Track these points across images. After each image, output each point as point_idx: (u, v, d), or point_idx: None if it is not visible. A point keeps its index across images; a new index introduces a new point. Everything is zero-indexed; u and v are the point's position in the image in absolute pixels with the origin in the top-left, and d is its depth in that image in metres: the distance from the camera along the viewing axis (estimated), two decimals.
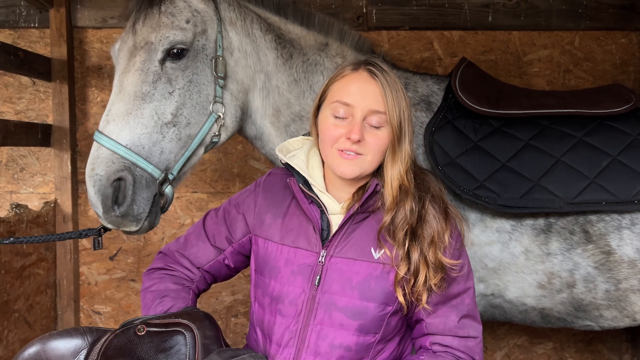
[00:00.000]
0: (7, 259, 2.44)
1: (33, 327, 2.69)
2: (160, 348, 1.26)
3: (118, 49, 1.82)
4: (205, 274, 1.59)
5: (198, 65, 1.79)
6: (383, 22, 2.96)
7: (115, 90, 1.75)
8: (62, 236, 1.88)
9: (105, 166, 1.64)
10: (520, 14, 2.96)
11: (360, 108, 1.37)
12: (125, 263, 3.02)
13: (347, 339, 1.37)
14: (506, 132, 1.99)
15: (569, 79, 3.00)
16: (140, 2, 1.80)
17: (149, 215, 1.71)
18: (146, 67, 1.73)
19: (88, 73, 2.98)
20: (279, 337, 1.40)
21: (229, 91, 1.86)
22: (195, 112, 1.78)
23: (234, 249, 1.57)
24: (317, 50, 2.04)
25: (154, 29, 1.75)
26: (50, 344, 1.27)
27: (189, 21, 1.79)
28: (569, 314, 2.03)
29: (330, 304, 1.38)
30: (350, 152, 1.37)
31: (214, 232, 1.59)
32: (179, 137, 1.75)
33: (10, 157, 2.98)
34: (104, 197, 1.63)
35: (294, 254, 1.42)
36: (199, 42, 1.80)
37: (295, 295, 1.40)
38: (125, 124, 1.68)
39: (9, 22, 2.93)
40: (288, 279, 1.41)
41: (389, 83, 1.37)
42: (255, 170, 3.03)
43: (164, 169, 1.72)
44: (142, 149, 1.68)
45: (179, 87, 1.75)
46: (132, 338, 1.28)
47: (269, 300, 1.43)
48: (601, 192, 1.88)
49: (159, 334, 1.29)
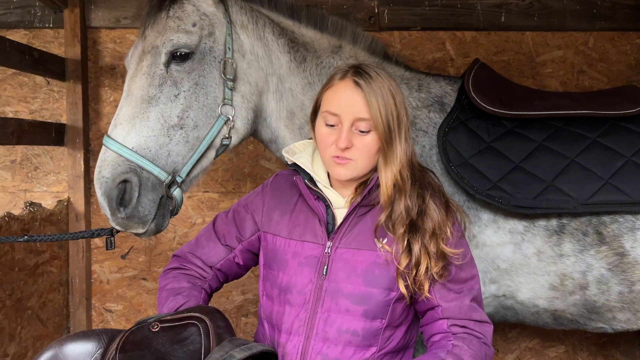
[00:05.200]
0: (21, 256, 2.47)
1: (46, 325, 2.72)
2: (175, 339, 1.29)
3: (130, 56, 1.86)
4: (218, 273, 1.64)
5: (205, 67, 1.80)
6: (395, 23, 2.96)
7: (124, 94, 1.78)
8: (75, 235, 1.91)
9: (111, 169, 1.67)
10: (534, 14, 2.94)
11: (346, 117, 1.42)
12: (137, 262, 3.05)
13: (353, 324, 1.42)
14: (519, 133, 1.98)
15: (583, 79, 2.97)
16: (150, 8, 1.83)
17: (155, 217, 1.73)
18: (152, 71, 1.75)
19: (101, 73, 3.01)
20: (288, 326, 1.46)
21: (239, 93, 1.87)
22: (203, 114, 1.78)
23: (244, 247, 1.62)
24: (330, 53, 2.05)
25: (160, 33, 1.78)
26: (67, 346, 1.29)
27: (196, 24, 1.80)
28: (581, 316, 2.01)
29: (337, 291, 1.43)
30: (341, 157, 1.44)
31: (224, 232, 1.64)
32: (186, 139, 1.76)
33: (24, 156, 3.01)
34: (109, 198, 1.67)
35: (301, 247, 1.49)
36: (206, 44, 1.81)
37: (302, 285, 1.45)
38: (132, 127, 1.70)
39: (24, 23, 2.97)
40: (296, 270, 1.47)
41: (374, 89, 1.42)
42: (266, 170, 3.04)
43: (171, 172, 1.74)
44: (148, 152, 1.70)
45: (184, 89, 1.77)
46: (147, 334, 1.31)
47: (278, 292, 1.49)
48: (615, 193, 1.87)
49: (173, 328, 1.32)
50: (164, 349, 1.28)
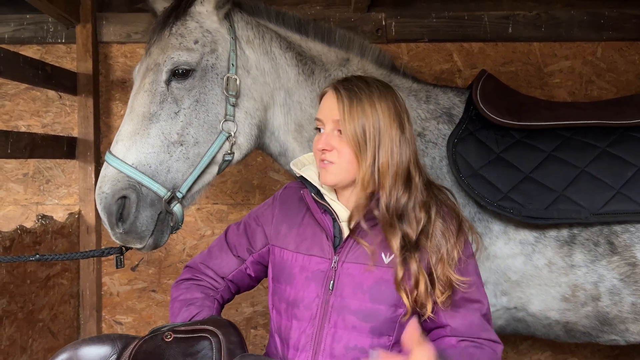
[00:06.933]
0: (33, 269, 2.49)
1: (57, 337, 2.73)
2: (187, 352, 1.29)
3: (137, 71, 1.88)
4: (229, 284, 1.64)
5: (206, 84, 1.81)
6: (402, 35, 2.98)
7: (127, 110, 1.80)
8: (86, 254, 1.94)
9: (111, 184, 1.69)
10: (541, 25, 2.95)
11: (326, 120, 1.48)
12: (147, 274, 3.06)
13: (361, 341, 1.40)
14: (528, 144, 1.98)
15: (591, 89, 2.97)
16: (156, 24, 1.85)
17: (153, 233, 1.74)
18: (154, 88, 1.77)
19: (112, 87, 3.05)
20: (295, 341, 1.45)
21: (242, 109, 1.87)
22: (203, 131, 1.79)
23: (254, 259, 1.62)
24: (338, 65, 2.06)
25: (163, 50, 1.79)
26: (82, 350, 1.32)
27: (198, 41, 1.81)
28: (594, 327, 1.99)
29: (343, 307, 1.42)
30: (324, 161, 1.46)
31: (235, 243, 1.64)
32: (186, 156, 1.76)
33: (36, 169, 3.05)
34: (109, 213, 1.69)
35: (308, 261, 1.48)
36: (208, 61, 1.82)
37: (309, 300, 1.44)
38: (132, 144, 1.72)
39: (37, 38, 3.02)
40: (303, 284, 1.46)
41: (350, 96, 1.44)
42: (274, 182, 3.05)
43: (171, 187, 1.75)
44: (148, 168, 1.72)
45: (184, 106, 1.77)
46: (160, 344, 1.31)
47: (285, 306, 1.49)
48: (627, 203, 1.86)
49: (186, 340, 1.32)
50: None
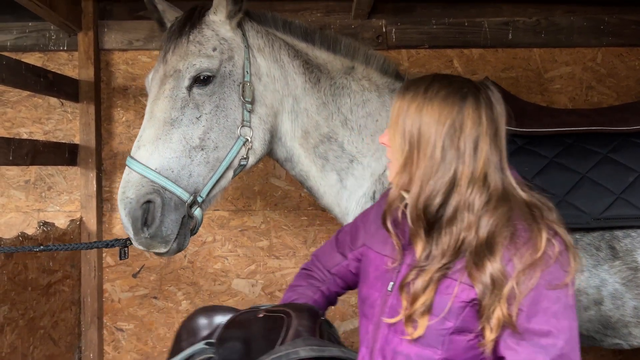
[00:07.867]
0: (34, 276, 2.49)
1: (58, 344, 2.73)
2: (267, 328, 1.47)
3: (151, 79, 1.90)
4: (335, 277, 1.70)
5: (225, 90, 1.85)
6: (403, 41, 3.00)
7: (146, 117, 1.82)
8: (90, 245, 2.01)
9: (135, 189, 1.70)
10: (541, 32, 2.96)
11: None
12: (148, 280, 3.05)
13: (407, 348, 1.34)
14: (530, 150, 1.99)
15: (591, 95, 2.98)
16: (171, 33, 1.88)
17: (177, 237, 1.77)
18: (174, 94, 1.80)
19: (114, 94, 3.06)
20: (362, 337, 1.48)
21: (257, 115, 1.91)
22: (223, 136, 1.83)
23: (354, 256, 1.66)
24: (343, 74, 2.09)
25: (182, 57, 1.82)
26: (213, 313, 1.62)
27: (216, 49, 1.85)
28: (597, 332, 1.99)
29: (396, 310, 1.38)
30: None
31: (341, 240, 1.71)
32: (207, 160, 1.80)
33: (38, 176, 3.05)
34: (134, 219, 1.70)
35: (380, 260, 1.48)
36: (226, 68, 1.86)
37: (374, 299, 1.45)
38: (155, 149, 1.74)
39: (39, 46, 3.04)
40: (372, 283, 1.48)
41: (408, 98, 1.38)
42: (276, 188, 3.05)
43: (193, 192, 1.78)
44: (171, 173, 1.74)
45: (206, 112, 1.81)
46: (252, 318, 1.53)
47: (360, 303, 1.53)
48: (628, 208, 1.87)
49: (270, 318, 1.50)
50: (255, 334, 1.47)
